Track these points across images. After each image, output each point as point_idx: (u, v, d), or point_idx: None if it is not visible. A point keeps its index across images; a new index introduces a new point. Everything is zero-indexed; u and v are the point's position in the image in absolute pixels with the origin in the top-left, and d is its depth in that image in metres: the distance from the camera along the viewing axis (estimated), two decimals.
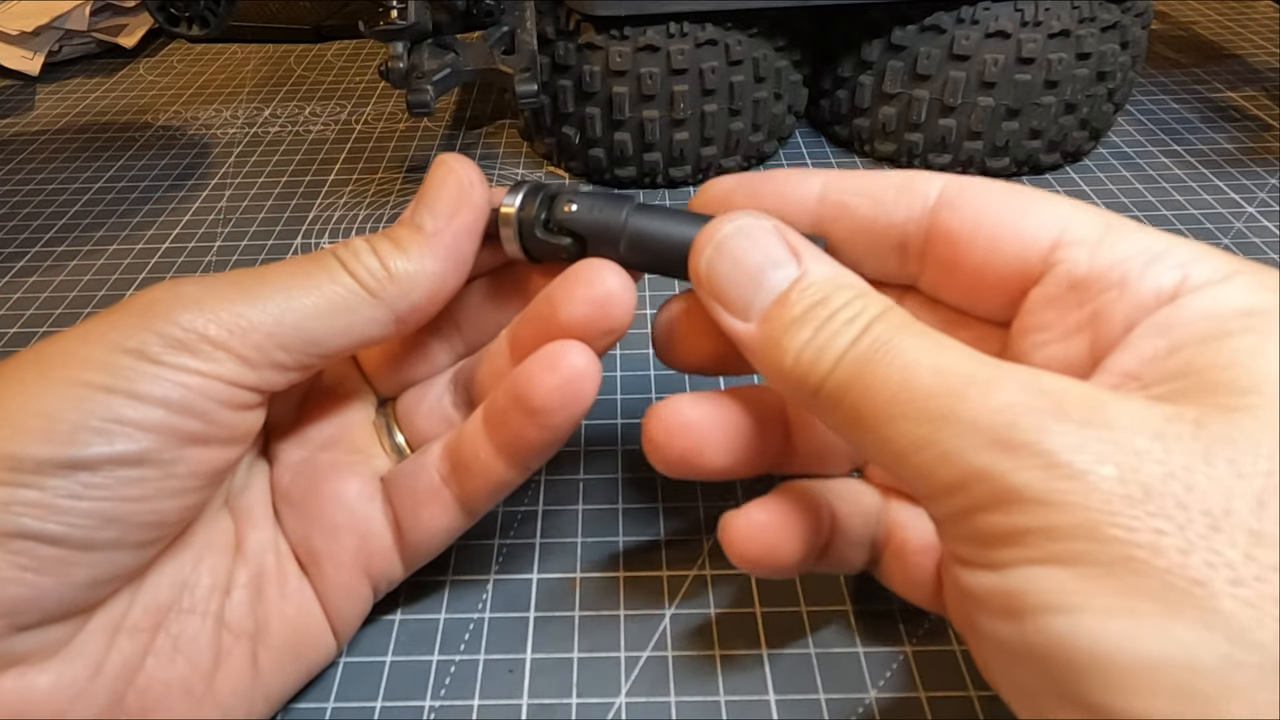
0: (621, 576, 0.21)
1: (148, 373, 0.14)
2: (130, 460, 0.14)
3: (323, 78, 0.48)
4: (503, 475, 0.17)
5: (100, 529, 0.14)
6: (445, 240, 0.17)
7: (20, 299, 0.31)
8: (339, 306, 0.16)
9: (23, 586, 0.13)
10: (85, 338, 0.14)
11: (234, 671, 0.16)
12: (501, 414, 0.17)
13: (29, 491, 0.13)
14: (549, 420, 0.16)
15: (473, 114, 0.43)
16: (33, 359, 0.14)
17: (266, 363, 0.15)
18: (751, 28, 0.33)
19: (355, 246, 0.16)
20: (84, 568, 0.14)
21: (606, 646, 0.19)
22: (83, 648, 0.14)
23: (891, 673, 0.18)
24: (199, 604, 0.16)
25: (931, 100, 0.34)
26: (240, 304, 0.15)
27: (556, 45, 0.33)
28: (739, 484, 0.23)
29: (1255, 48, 0.47)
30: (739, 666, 0.19)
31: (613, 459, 0.24)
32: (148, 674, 0.15)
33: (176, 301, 0.15)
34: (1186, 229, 0.32)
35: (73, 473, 0.13)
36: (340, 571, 0.18)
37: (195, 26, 0.34)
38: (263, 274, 0.16)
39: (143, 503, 0.14)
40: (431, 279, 0.16)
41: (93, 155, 0.41)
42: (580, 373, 0.16)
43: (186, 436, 0.15)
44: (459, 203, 0.17)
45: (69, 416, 0.14)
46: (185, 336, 0.15)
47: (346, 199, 0.36)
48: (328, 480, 0.18)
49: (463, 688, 0.19)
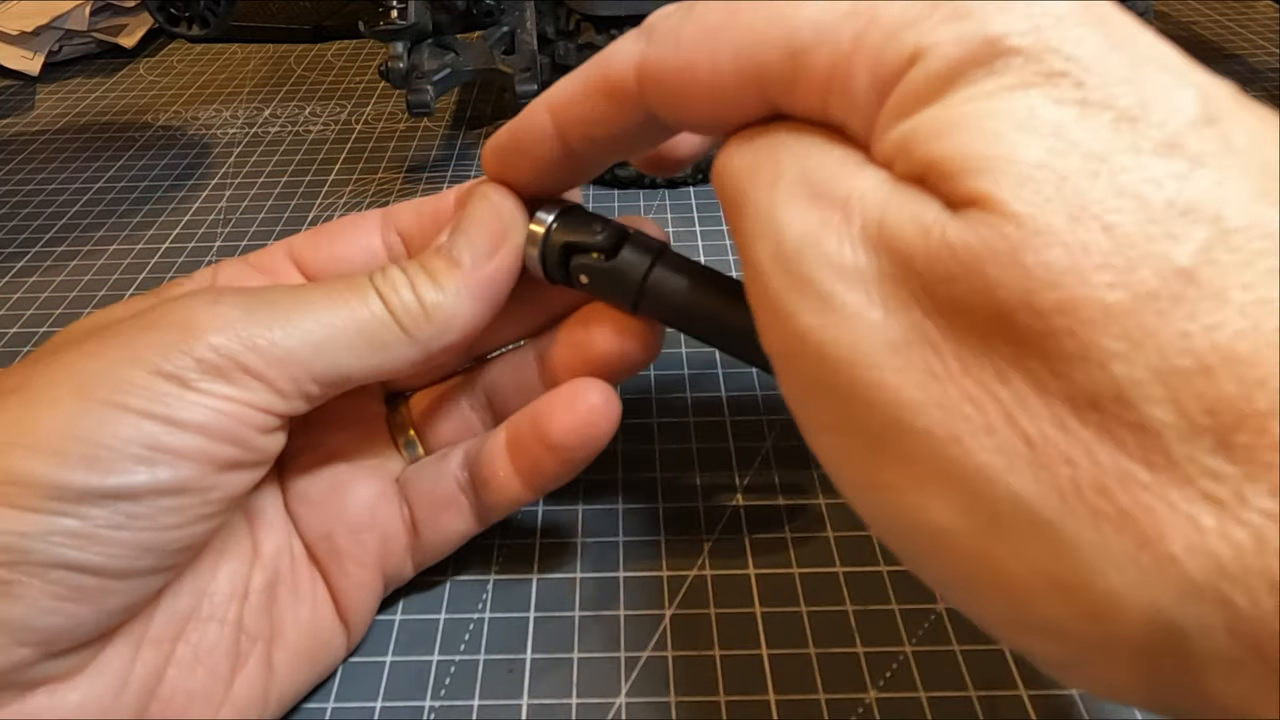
0: (621, 576, 0.21)
1: (186, 399, 0.14)
2: (171, 490, 0.14)
3: (323, 78, 0.48)
4: (519, 494, 0.18)
5: (138, 558, 0.14)
6: (482, 280, 0.16)
7: (20, 299, 0.31)
8: (374, 342, 0.16)
9: (60, 616, 0.13)
10: (120, 357, 0.14)
11: (250, 676, 0.16)
12: (523, 441, 0.17)
13: (70, 521, 0.13)
14: (567, 455, 0.17)
15: (473, 114, 0.43)
16: (68, 377, 0.14)
17: (299, 394, 0.15)
18: None
19: (392, 277, 0.16)
20: (120, 595, 0.14)
21: (606, 646, 0.19)
22: (108, 663, 0.14)
23: (891, 673, 0.18)
24: (218, 611, 0.16)
25: None
26: (277, 331, 0.15)
27: (556, 45, 0.33)
28: (739, 484, 0.23)
29: (1255, 48, 0.47)
30: (739, 666, 0.19)
31: (613, 459, 0.24)
32: (169, 684, 0.15)
33: (212, 322, 0.15)
34: None
35: (116, 503, 0.13)
36: (361, 569, 0.18)
37: (195, 26, 0.34)
38: (300, 296, 0.16)
39: (179, 530, 0.14)
40: (468, 319, 0.16)
41: (93, 155, 0.41)
42: (600, 412, 0.17)
43: (222, 463, 0.15)
44: (499, 240, 0.17)
45: (110, 442, 0.13)
46: (221, 362, 0.14)
47: (346, 199, 0.36)
48: (349, 481, 0.18)
49: (463, 688, 0.19)
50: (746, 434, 0.24)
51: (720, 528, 0.22)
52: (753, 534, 0.21)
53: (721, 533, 0.22)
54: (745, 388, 0.26)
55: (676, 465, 0.23)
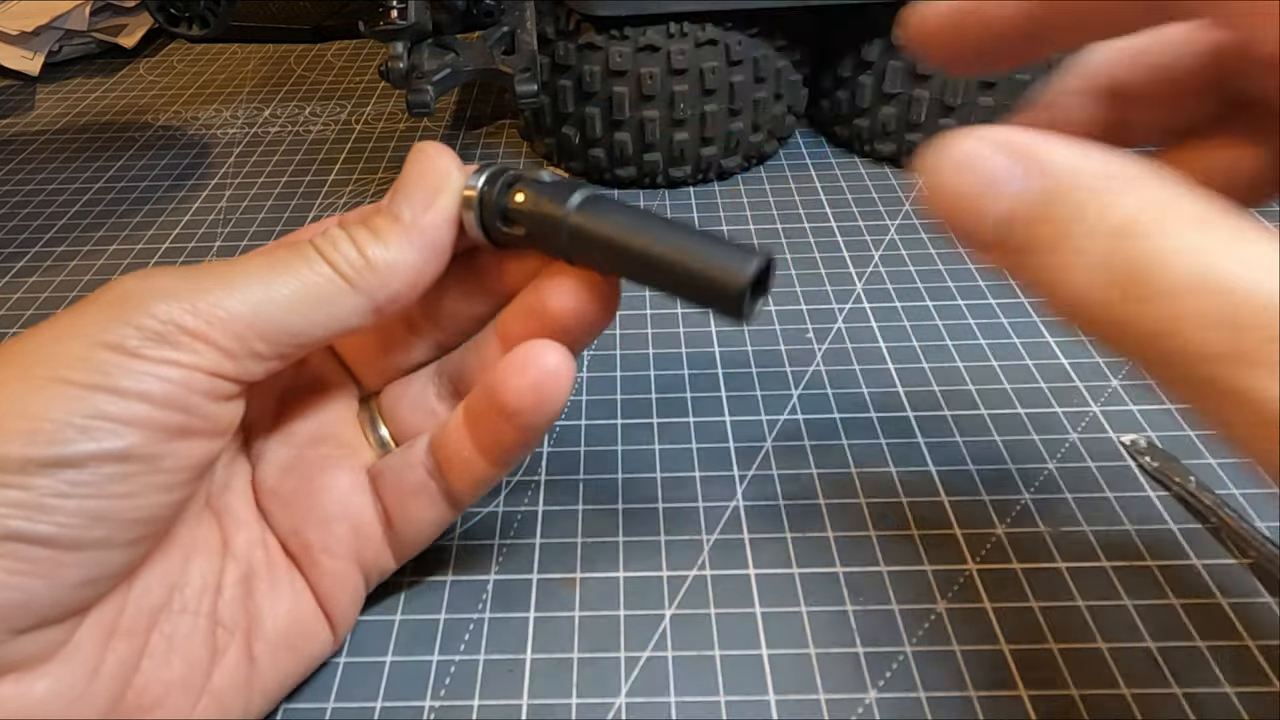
0: (621, 576, 0.21)
1: (128, 367, 0.14)
2: (116, 456, 0.14)
3: (323, 78, 0.48)
4: (485, 471, 0.18)
5: (90, 527, 0.14)
6: (423, 229, 0.16)
7: (20, 299, 0.31)
8: (318, 297, 0.16)
9: (14, 590, 0.13)
10: (62, 334, 0.14)
11: (229, 667, 0.16)
12: (479, 414, 0.17)
13: (15, 492, 0.13)
14: (523, 421, 0.16)
15: (473, 114, 0.43)
16: (10, 358, 0.14)
17: (246, 353, 0.15)
18: (751, 28, 0.33)
19: (333, 235, 0.16)
20: (75, 568, 0.14)
21: (606, 646, 0.19)
22: (78, 652, 0.14)
23: (891, 673, 0.18)
24: (190, 603, 0.16)
25: (931, 100, 0.34)
26: (217, 293, 0.15)
27: (556, 45, 0.33)
28: (739, 484, 0.23)
29: None
30: (739, 666, 0.19)
31: (613, 459, 0.24)
32: (145, 674, 0.15)
33: (150, 292, 0.15)
34: None
35: (59, 471, 0.13)
36: (334, 562, 0.18)
37: (195, 26, 0.34)
38: (239, 264, 0.16)
39: (131, 499, 0.14)
40: (410, 268, 0.16)
41: (93, 155, 0.41)
42: (552, 374, 0.16)
43: (171, 430, 0.15)
44: (437, 191, 0.17)
45: (52, 415, 0.13)
46: (163, 328, 0.14)
47: (346, 199, 0.36)
48: (319, 474, 0.18)
49: (463, 688, 0.19)
50: (746, 434, 0.24)
51: (720, 528, 0.22)
52: (753, 534, 0.21)
53: (721, 533, 0.22)
54: (745, 388, 0.26)
55: (676, 465, 0.23)
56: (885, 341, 0.27)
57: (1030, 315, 0.28)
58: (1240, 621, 0.19)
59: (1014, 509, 0.22)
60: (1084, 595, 0.20)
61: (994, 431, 0.24)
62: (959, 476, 0.23)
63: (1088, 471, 0.23)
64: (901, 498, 0.22)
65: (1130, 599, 0.20)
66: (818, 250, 0.32)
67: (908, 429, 0.24)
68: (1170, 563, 0.20)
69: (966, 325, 0.28)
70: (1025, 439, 0.24)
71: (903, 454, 0.23)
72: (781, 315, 0.29)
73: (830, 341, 0.27)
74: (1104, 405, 0.25)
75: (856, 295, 0.29)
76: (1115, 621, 0.19)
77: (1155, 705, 0.18)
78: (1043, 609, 0.19)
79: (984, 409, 0.25)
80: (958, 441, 0.24)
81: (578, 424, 0.25)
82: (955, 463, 0.23)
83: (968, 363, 0.26)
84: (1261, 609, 0.19)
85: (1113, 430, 0.24)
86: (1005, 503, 0.22)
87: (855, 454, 0.24)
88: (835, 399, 0.25)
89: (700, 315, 0.29)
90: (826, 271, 0.31)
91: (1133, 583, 0.20)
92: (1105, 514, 0.22)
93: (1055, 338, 0.27)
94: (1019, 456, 0.23)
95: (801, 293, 0.30)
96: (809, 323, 0.28)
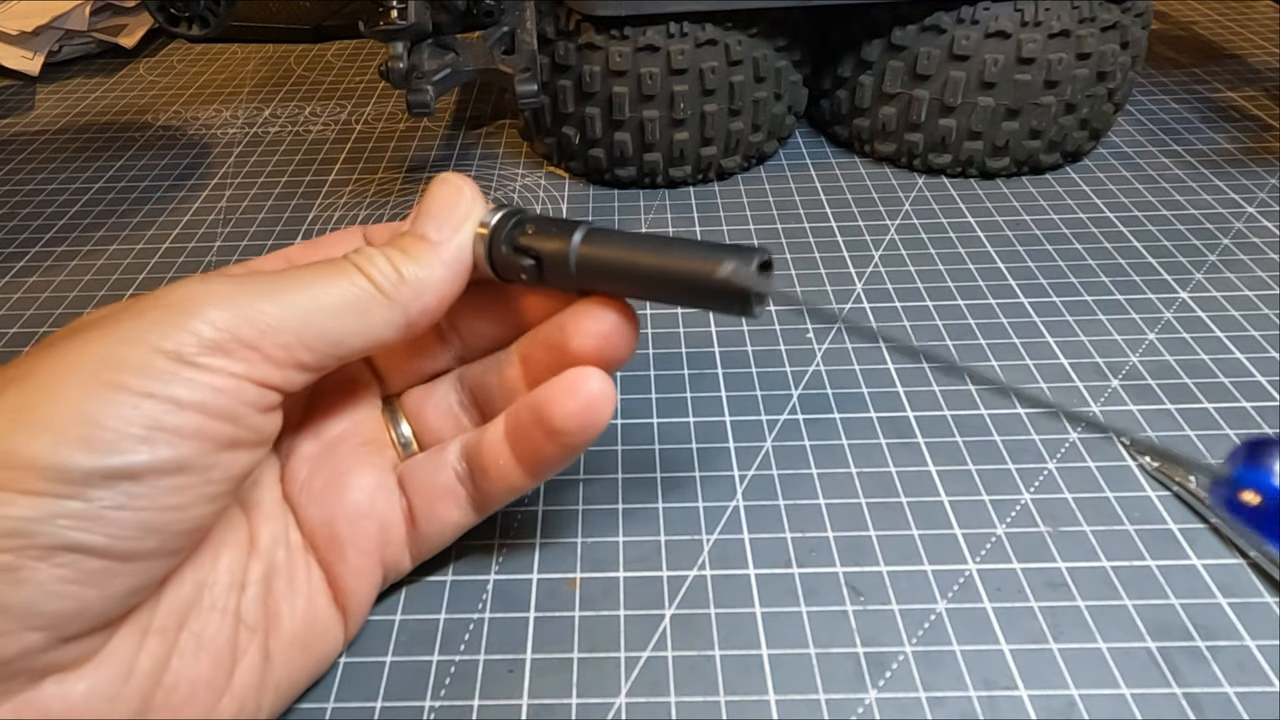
0: (621, 576, 0.21)
1: (185, 376, 0.14)
2: (172, 468, 0.14)
3: (323, 78, 0.48)
4: (519, 482, 0.19)
5: (143, 539, 0.14)
6: (450, 249, 0.18)
7: (20, 299, 0.31)
8: (357, 308, 0.16)
9: (67, 600, 0.13)
10: (120, 338, 0.14)
11: (250, 665, 0.16)
12: (523, 429, 0.18)
13: (74, 503, 0.13)
14: (568, 441, 0.18)
15: (473, 114, 0.43)
16: (65, 360, 0.14)
17: (291, 362, 0.16)
18: (751, 28, 0.33)
19: (369, 254, 0.17)
20: (126, 578, 0.14)
21: (606, 646, 0.19)
22: (115, 652, 0.14)
23: (891, 673, 0.18)
24: (219, 601, 0.16)
25: (931, 100, 0.34)
26: (266, 303, 0.15)
27: (556, 45, 0.33)
28: (739, 484, 0.23)
29: (1255, 48, 0.47)
30: (739, 666, 0.19)
31: (613, 459, 0.24)
32: (174, 673, 0.15)
33: (209, 300, 0.15)
34: (1186, 229, 0.32)
35: (117, 483, 0.13)
36: (361, 557, 0.18)
37: (195, 26, 0.34)
38: (282, 274, 0.16)
39: (182, 511, 0.14)
40: (440, 284, 0.17)
41: (93, 155, 0.41)
42: (598, 398, 0.17)
43: (221, 441, 0.15)
44: (463, 216, 0.18)
45: (111, 424, 0.13)
46: (219, 337, 0.15)
47: (346, 199, 0.36)
48: (349, 470, 0.19)
49: (463, 688, 0.19)
50: (746, 434, 0.24)
51: (720, 528, 0.22)
52: (753, 534, 0.21)
53: (721, 533, 0.22)
54: (745, 388, 0.26)
55: (676, 465, 0.23)
56: (885, 341, 0.27)
57: (1030, 315, 0.28)
58: (1240, 621, 0.19)
59: (1014, 509, 0.22)
60: (1084, 595, 0.20)
61: (994, 431, 0.24)
62: (959, 476, 0.23)
63: (1088, 472, 0.23)
64: (901, 498, 0.22)
65: (1130, 599, 0.20)
66: (818, 250, 0.32)
67: (908, 429, 0.24)
68: (1170, 563, 0.20)
69: (966, 325, 0.28)
70: (1025, 439, 0.24)
71: (903, 454, 0.23)
72: (781, 315, 0.29)
73: (830, 341, 0.27)
74: (1104, 405, 0.25)
75: (856, 295, 0.29)
76: (1115, 621, 0.19)
77: (1155, 705, 0.18)
78: (1042, 609, 0.19)
79: (984, 409, 0.25)
80: (958, 441, 0.24)
81: None
82: (955, 463, 0.23)
83: (967, 363, 0.26)
84: (1261, 609, 0.19)
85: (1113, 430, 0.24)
86: (1005, 503, 0.22)
87: (855, 454, 0.24)
88: (835, 399, 0.25)
89: (700, 315, 0.29)
90: (826, 271, 0.31)
91: (1133, 583, 0.20)
92: (1105, 514, 0.22)
93: (1055, 338, 0.27)
94: (1019, 456, 0.23)
95: (801, 293, 0.30)
96: (809, 323, 0.28)
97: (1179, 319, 0.28)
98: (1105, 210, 0.33)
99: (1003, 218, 0.33)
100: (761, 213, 0.34)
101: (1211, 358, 0.26)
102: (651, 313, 0.29)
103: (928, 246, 0.32)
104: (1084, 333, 0.27)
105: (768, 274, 0.17)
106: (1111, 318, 0.28)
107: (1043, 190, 0.35)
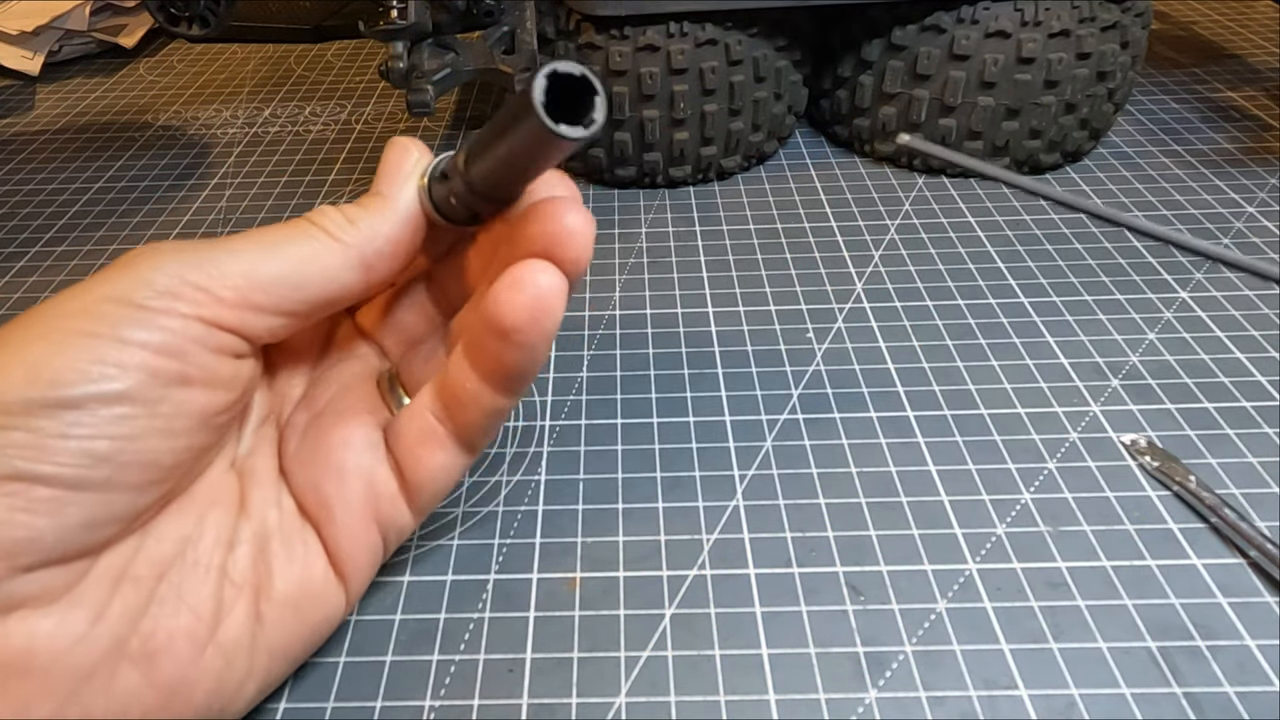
0: (621, 576, 0.21)
1: (132, 318, 0.15)
2: (113, 398, 0.15)
3: (323, 78, 0.48)
4: (492, 401, 0.18)
5: (91, 468, 0.14)
6: (399, 199, 0.18)
7: (20, 299, 0.31)
8: (311, 254, 0.17)
9: (19, 528, 0.14)
10: (71, 293, 0.15)
11: (236, 622, 0.17)
12: (479, 340, 0.18)
13: (18, 434, 0.14)
14: (522, 338, 0.17)
15: (473, 114, 0.43)
16: (22, 318, 0.15)
17: (245, 304, 0.16)
18: (751, 28, 0.33)
19: (323, 209, 0.18)
20: (78, 508, 0.14)
21: (606, 646, 0.19)
22: (85, 594, 0.15)
23: (891, 673, 0.18)
24: (202, 557, 0.17)
25: (931, 100, 0.34)
26: (218, 253, 0.16)
27: (556, 45, 0.33)
28: (739, 484, 0.23)
29: (1255, 48, 0.47)
30: (739, 666, 0.19)
31: (613, 459, 0.24)
32: (151, 620, 0.15)
33: (157, 254, 0.16)
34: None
35: (59, 412, 0.14)
36: (351, 518, 0.18)
37: (195, 26, 0.34)
38: (240, 235, 0.17)
39: (131, 441, 0.15)
40: (391, 228, 0.18)
41: (93, 155, 0.41)
42: (544, 288, 0.17)
43: (169, 376, 0.15)
44: (410, 171, 0.19)
45: (54, 362, 0.14)
46: (169, 283, 0.15)
47: (346, 199, 0.36)
48: (333, 431, 0.19)
49: (463, 688, 0.19)
50: (746, 434, 0.24)
51: (720, 528, 0.22)
52: (753, 534, 0.21)
53: (721, 533, 0.22)
54: (745, 388, 0.26)
55: (676, 465, 0.23)
56: (885, 341, 0.27)
57: (1030, 315, 0.28)
58: (1240, 621, 0.19)
59: (1014, 509, 0.22)
60: (1084, 595, 0.20)
61: (994, 431, 0.24)
62: (959, 476, 0.23)
63: (1088, 471, 0.23)
64: (901, 497, 0.22)
65: (1130, 599, 0.20)
66: (818, 250, 0.32)
67: (908, 429, 0.24)
68: (1170, 563, 0.20)
69: (966, 325, 0.28)
70: (1025, 439, 0.24)
71: (902, 453, 0.23)
72: (781, 315, 0.29)
73: (830, 341, 0.27)
74: (1104, 405, 0.25)
75: (856, 295, 0.29)
76: (1115, 621, 0.19)
77: (1155, 705, 0.18)
78: (1042, 609, 0.19)
79: (984, 409, 0.25)
80: (958, 441, 0.24)
81: (578, 424, 0.25)
82: (955, 462, 0.23)
83: (968, 363, 0.26)
84: (1261, 609, 0.19)
85: (1113, 430, 0.24)
86: (1005, 503, 0.22)
87: (855, 454, 0.24)
88: (835, 399, 0.25)
89: (700, 315, 0.29)
90: (826, 271, 0.31)
91: (1133, 583, 0.20)
92: (1105, 514, 0.22)
93: (1055, 337, 0.27)
94: (1019, 456, 0.23)
95: (801, 293, 0.30)
96: (809, 323, 0.28)
97: (1179, 319, 0.28)
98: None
99: (1003, 218, 0.33)
100: (761, 213, 0.34)
101: (1211, 358, 0.26)
102: (651, 313, 0.29)
103: (928, 246, 0.32)
104: (1084, 333, 0.27)
105: (590, 94, 0.15)
106: (1111, 318, 0.28)
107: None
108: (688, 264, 0.31)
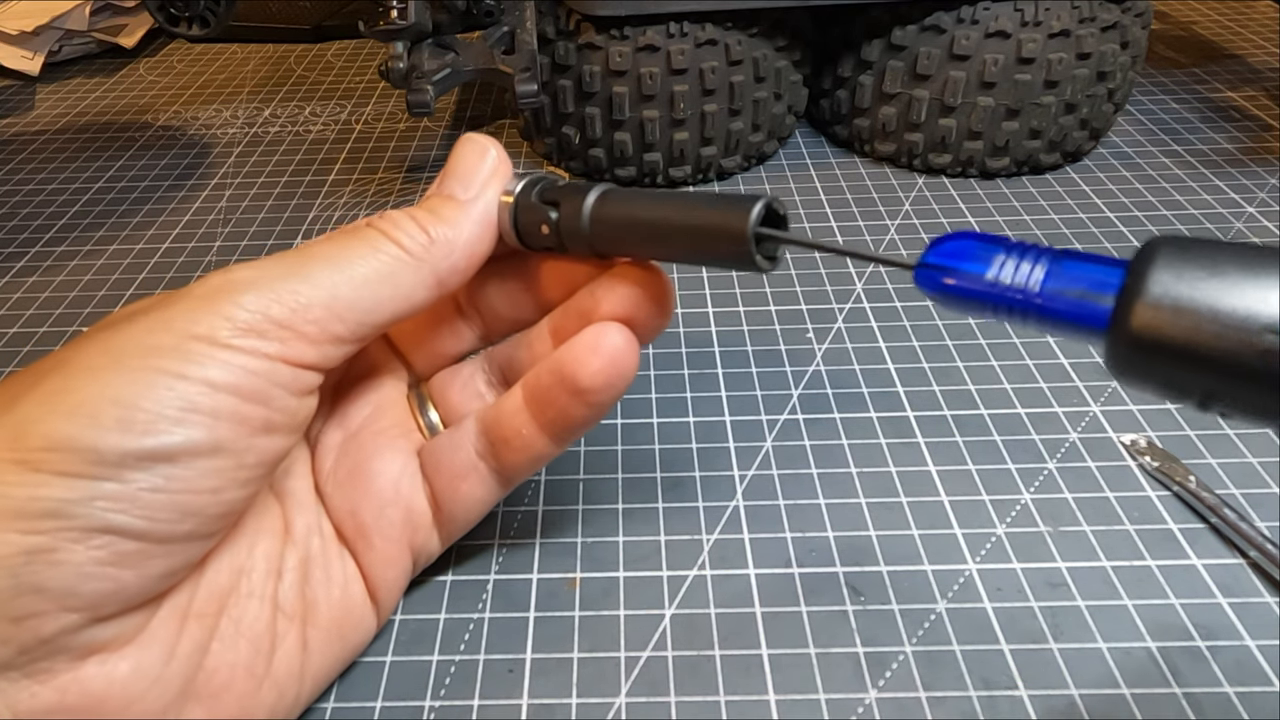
0: (621, 576, 0.21)
1: (219, 359, 0.14)
2: (207, 450, 0.14)
3: (323, 78, 0.48)
4: (544, 449, 0.18)
5: (179, 522, 0.14)
6: (478, 206, 0.17)
7: (20, 299, 0.31)
8: (386, 273, 0.16)
9: (105, 581, 0.13)
10: (154, 327, 0.14)
11: (288, 653, 0.17)
12: (545, 393, 0.18)
13: (110, 485, 0.13)
14: (594, 399, 0.17)
15: (473, 114, 0.43)
16: (101, 348, 0.14)
17: (326, 337, 0.16)
18: (751, 28, 0.33)
19: (393, 217, 0.17)
20: (162, 559, 0.14)
21: (606, 646, 0.19)
22: (156, 634, 0.15)
23: (891, 673, 0.18)
24: (256, 588, 0.16)
25: (931, 100, 0.34)
26: (294, 282, 0.15)
27: (556, 45, 0.33)
28: (739, 483, 0.23)
29: (1255, 48, 0.47)
30: (739, 666, 0.19)
31: (613, 459, 0.24)
32: (214, 657, 0.15)
33: (237, 286, 0.15)
34: (1186, 229, 0.32)
35: (153, 465, 0.13)
36: (388, 545, 0.18)
37: (195, 26, 0.34)
38: (308, 252, 0.16)
39: (217, 494, 0.14)
40: (468, 241, 0.17)
41: (93, 155, 0.41)
42: (622, 353, 0.17)
43: (255, 425, 0.15)
44: (490, 174, 0.18)
45: (146, 405, 0.14)
46: (251, 319, 0.15)
47: (346, 199, 0.36)
48: (372, 458, 0.19)
49: (463, 688, 0.19)
50: (746, 434, 0.24)
51: (720, 528, 0.22)
52: (753, 534, 0.21)
53: (721, 533, 0.22)
54: (745, 388, 0.26)
55: (676, 465, 0.23)
56: (885, 341, 0.27)
57: None
58: (1240, 621, 0.19)
59: (1014, 509, 0.22)
60: (1084, 595, 0.20)
61: (994, 431, 0.24)
62: (959, 476, 0.23)
63: (1088, 471, 0.23)
64: (902, 497, 0.22)
65: (1130, 599, 0.20)
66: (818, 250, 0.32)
67: (908, 429, 0.24)
68: (1170, 563, 0.20)
69: (966, 325, 0.28)
70: (1025, 439, 0.24)
71: (902, 453, 0.23)
72: (781, 315, 0.29)
73: (830, 341, 0.27)
74: (1104, 405, 0.25)
75: (856, 295, 0.29)
76: (1115, 621, 0.19)
77: (1155, 705, 0.18)
78: (1043, 609, 0.19)
79: (984, 409, 0.25)
80: (958, 441, 0.24)
81: None
82: (955, 463, 0.23)
83: (968, 363, 0.26)
84: (1261, 609, 0.19)
85: (1113, 430, 0.24)
86: (1005, 503, 0.22)
87: (855, 454, 0.24)
88: (835, 399, 0.25)
89: (700, 315, 0.29)
90: (826, 271, 0.31)
91: (1133, 583, 0.20)
92: (1105, 514, 0.22)
93: (1055, 338, 0.27)
94: (1019, 456, 0.23)
95: (801, 293, 0.30)
96: (809, 323, 0.28)
97: None
98: (1105, 210, 0.33)
99: (1003, 218, 0.33)
100: None
101: None
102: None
103: None
104: None
105: (781, 223, 0.16)
106: None
107: (1043, 190, 0.35)
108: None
